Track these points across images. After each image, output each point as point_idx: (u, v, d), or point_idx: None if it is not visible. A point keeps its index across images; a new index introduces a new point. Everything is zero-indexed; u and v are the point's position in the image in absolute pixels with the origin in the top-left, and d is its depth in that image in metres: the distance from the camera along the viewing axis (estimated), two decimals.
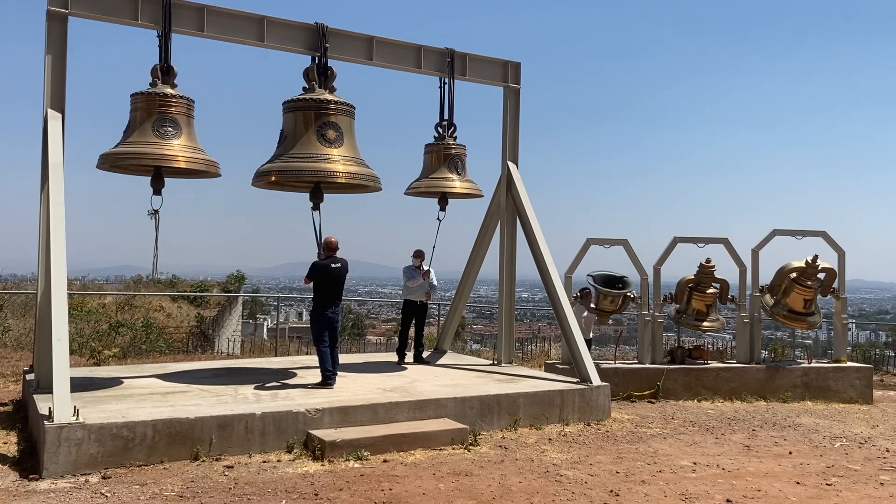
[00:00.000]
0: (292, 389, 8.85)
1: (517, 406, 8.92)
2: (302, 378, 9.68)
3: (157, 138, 8.66)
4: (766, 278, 12.53)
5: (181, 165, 8.77)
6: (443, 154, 11.27)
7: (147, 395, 8.23)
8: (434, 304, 15.36)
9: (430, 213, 11.32)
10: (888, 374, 15.81)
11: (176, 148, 8.72)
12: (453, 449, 7.64)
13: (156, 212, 8.95)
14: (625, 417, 9.74)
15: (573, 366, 10.34)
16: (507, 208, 11.53)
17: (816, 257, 12.03)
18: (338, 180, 9.39)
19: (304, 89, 9.76)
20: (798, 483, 6.83)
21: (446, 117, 11.22)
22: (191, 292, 23.42)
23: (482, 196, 11.64)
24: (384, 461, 7.10)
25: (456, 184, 11.21)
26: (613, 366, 11.59)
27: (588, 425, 9.16)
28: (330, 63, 9.78)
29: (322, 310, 9.25)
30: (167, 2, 8.81)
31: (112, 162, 8.72)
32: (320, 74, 9.71)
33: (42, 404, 7.15)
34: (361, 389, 8.92)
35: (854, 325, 20.29)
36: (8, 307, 16.78)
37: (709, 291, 12.28)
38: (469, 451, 7.58)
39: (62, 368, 7.03)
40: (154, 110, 8.74)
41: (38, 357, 8.41)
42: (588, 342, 11.67)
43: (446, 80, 10.98)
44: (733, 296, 12.37)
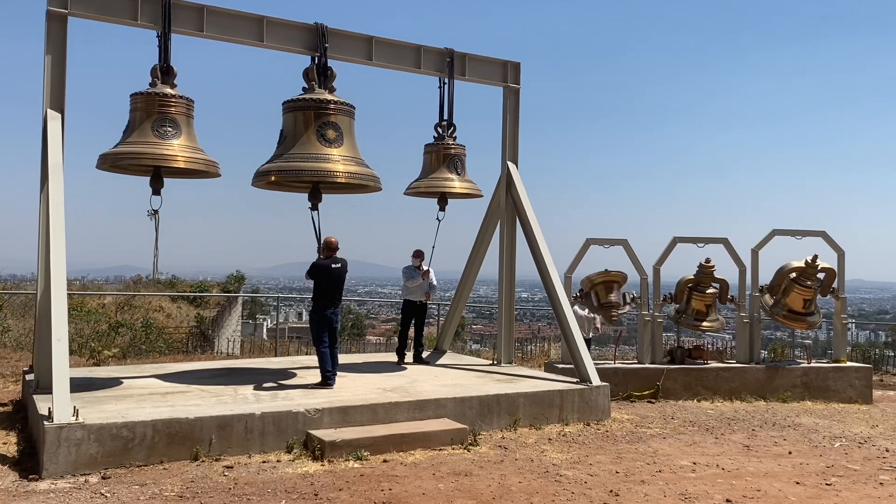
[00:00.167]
0: (292, 389, 8.85)
1: (517, 406, 8.92)
2: (301, 378, 9.68)
3: (157, 138, 8.66)
4: (766, 278, 12.55)
5: (181, 165, 8.77)
6: (442, 154, 11.27)
7: (147, 396, 8.22)
8: (434, 304, 15.37)
9: (430, 213, 11.32)
10: (888, 374, 15.81)
11: (175, 148, 8.72)
12: (453, 449, 7.64)
13: (155, 212, 8.94)
14: (624, 417, 9.74)
15: (573, 366, 10.34)
16: (507, 208, 11.53)
17: (816, 257, 12.04)
18: (338, 180, 9.40)
19: (304, 89, 9.76)
20: (798, 483, 6.83)
21: (446, 117, 11.22)
22: (190, 292, 23.41)
23: (482, 196, 11.65)
24: (384, 461, 7.10)
25: (455, 184, 11.21)
26: (613, 366, 11.60)
27: (588, 425, 9.16)
28: (329, 63, 9.78)
29: (322, 310, 9.25)
30: (167, 2, 8.81)
31: (111, 162, 8.72)
32: (320, 74, 9.71)
33: (42, 404, 7.14)
34: (361, 389, 8.92)
35: (854, 325, 20.29)
36: (7, 307, 16.77)
37: (708, 291, 12.28)
38: (469, 451, 7.58)
39: (62, 369, 7.03)
40: (154, 110, 8.73)
41: (38, 357, 8.41)
42: (587, 342, 11.67)
43: (446, 80, 10.98)
44: (733, 296, 12.38)
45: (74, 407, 6.76)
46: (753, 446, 8.31)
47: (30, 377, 8.67)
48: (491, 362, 11.90)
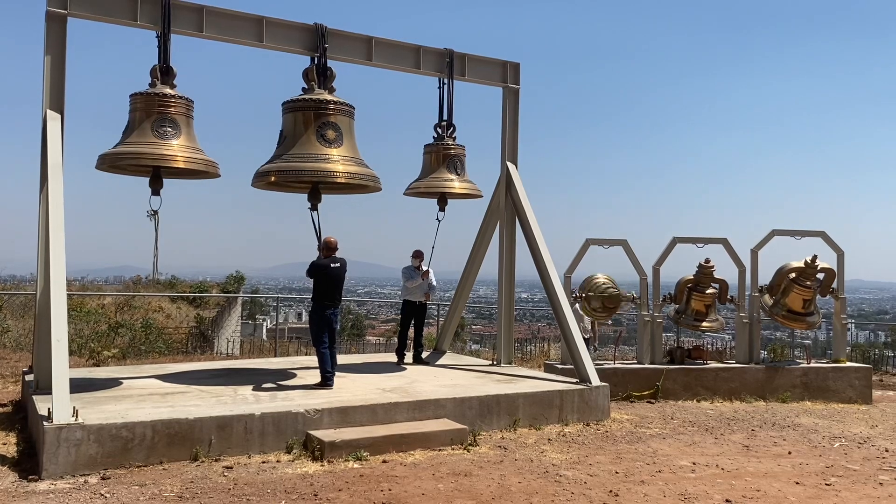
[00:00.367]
0: (291, 390, 8.85)
1: (516, 406, 8.92)
2: (301, 378, 9.68)
3: (157, 138, 8.65)
4: (766, 278, 12.55)
5: (180, 165, 8.76)
6: (442, 154, 11.27)
7: (146, 396, 8.22)
8: (433, 305, 15.37)
9: (430, 214, 11.33)
10: (887, 374, 15.82)
11: (175, 148, 8.71)
12: (452, 449, 7.64)
13: (155, 212, 8.94)
14: (624, 418, 9.74)
15: (573, 366, 10.34)
16: (507, 208, 11.53)
17: (815, 257, 12.04)
18: (337, 180, 9.40)
19: (304, 89, 9.75)
20: (797, 483, 6.84)
21: (445, 118, 11.22)
22: (190, 293, 23.40)
23: (481, 196, 11.65)
24: (383, 461, 7.10)
25: (455, 184, 11.21)
26: (613, 366, 11.60)
27: (587, 425, 9.17)
28: (329, 63, 9.78)
29: (321, 310, 9.25)
30: (166, 2, 8.81)
31: (111, 162, 8.71)
32: (319, 75, 9.71)
33: (41, 405, 7.14)
34: (361, 390, 8.92)
35: (853, 326, 20.31)
36: (7, 308, 16.75)
37: (708, 292, 12.28)
38: (468, 452, 7.58)
39: (61, 369, 7.02)
40: (153, 110, 8.72)
41: (38, 358, 8.41)
42: (587, 342, 11.67)
43: (445, 81, 10.98)
44: (732, 296, 12.38)
45: (74, 407, 6.76)
46: (753, 446, 8.31)
47: (29, 378, 8.67)
48: (490, 362, 11.90)
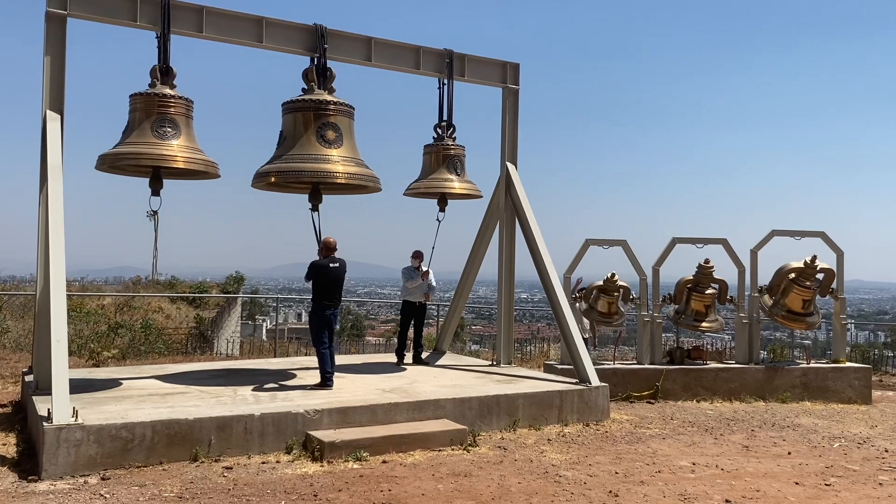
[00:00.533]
0: (291, 390, 8.85)
1: (516, 407, 8.92)
2: (301, 379, 9.68)
3: (156, 139, 8.65)
4: (765, 279, 12.54)
5: (180, 166, 8.76)
6: (442, 155, 11.28)
7: (146, 397, 8.22)
8: (433, 305, 15.37)
9: (430, 214, 11.31)
10: (887, 375, 15.82)
11: (175, 148, 8.71)
12: (452, 450, 7.64)
13: (154, 213, 8.94)
14: (624, 418, 9.74)
15: (572, 366, 10.34)
16: (506, 209, 11.54)
17: (815, 258, 12.03)
18: (337, 181, 9.40)
19: (304, 90, 9.76)
20: (797, 483, 6.84)
21: (445, 118, 11.22)
22: (190, 293, 23.40)
23: (481, 197, 11.65)
24: (383, 462, 7.10)
25: (455, 184, 11.21)
26: (612, 366, 11.60)
27: (587, 426, 9.17)
28: (329, 64, 9.79)
29: (321, 310, 9.25)
30: (166, 3, 8.81)
31: (111, 163, 8.71)
32: (319, 75, 9.71)
33: (41, 405, 7.14)
34: (360, 390, 8.92)
35: (853, 326, 20.31)
36: (7, 308, 16.75)
37: (707, 292, 12.28)
38: (468, 452, 7.58)
39: (61, 370, 7.02)
40: (153, 111, 8.72)
41: (37, 358, 8.41)
42: (586, 342, 11.66)
43: (445, 81, 10.98)
44: (732, 296, 12.38)
45: (74, 408, 6.76)
46: (753, 447, 8.32)
47: (29, 378, 8.67)
48: (490, 363, 11.90)
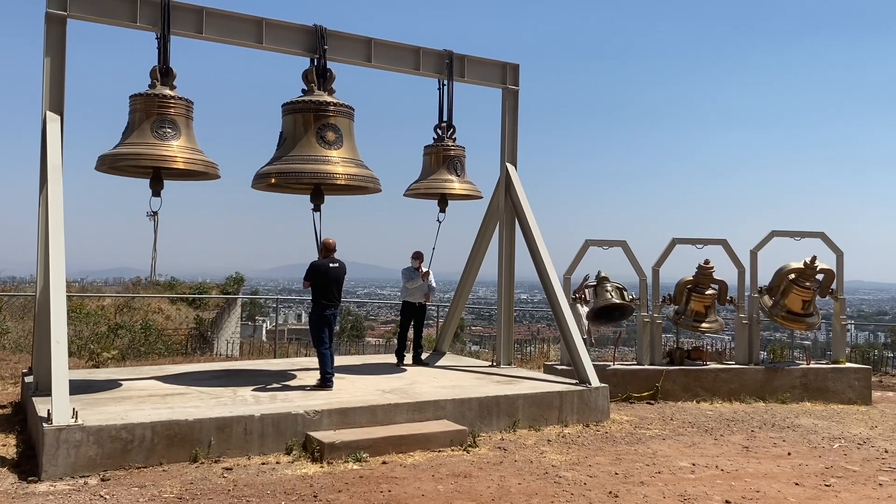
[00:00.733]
0: (291, 391, 8.85)
1: (516, 407, 8.92)
2: (301, 380, 9.68)
3: (156, 139, 8.65)
4: (765, 279, 12.54)
5: (180, 167, 8.76)
6: (442, 155, 11.27)
7: (146, 397, 8.22)
8: (433, 306, 15.37)
9: (430, 215, 11.33)
10: (887, 375, 15.82)
11: (175, 149, 8.71)
12: (452, 450, 7.64)
13: (154, 213, 8.94)
14: (624, 419, 9.74)
15: (572, 367, 10.34)
16: (506, 210, 11.54)
17: (815, 258, 12.03)
18: (337, 182, 9.40)
19: (304, 91, 9.76)
20: (797, 484, 6.84)
21: (445, 119, 11.23)
22: (190, 294, 23.40)
23: (481, 197, 11.65)
24: (383, 463, 7.10)
25: (455, 185, 11.21)
26: (612, 367, 11.60)
27: (587, 426, 9.17)
28: (329, 65, 9.79)
29: (322, 310, 9.26)
30: (166, 4, 8.81)
31: (111, 163, 8.71)
32: (319, 76, 9.71)
33: (41, 406, 7.14)
34: (360, 391, 8.92)
35: (853, 326, 20.31)
36: (7, 309, 16.76)
37: (707, 292, 12.28)
38: (468, 453, 7.58)
39: (61, 371, 7.02)
40: (153, 111, 8.72)
41: (37, 359, 8.41)
42: (586, 342, 11.66)
43: (445, 82, 10.98)
44: (732, 297, 12.38)
45: (73, 409, 6.76)
46: (752, 447, 8.32)
47: (29, 379, 8.67)
48: (490, 364, 11.90)
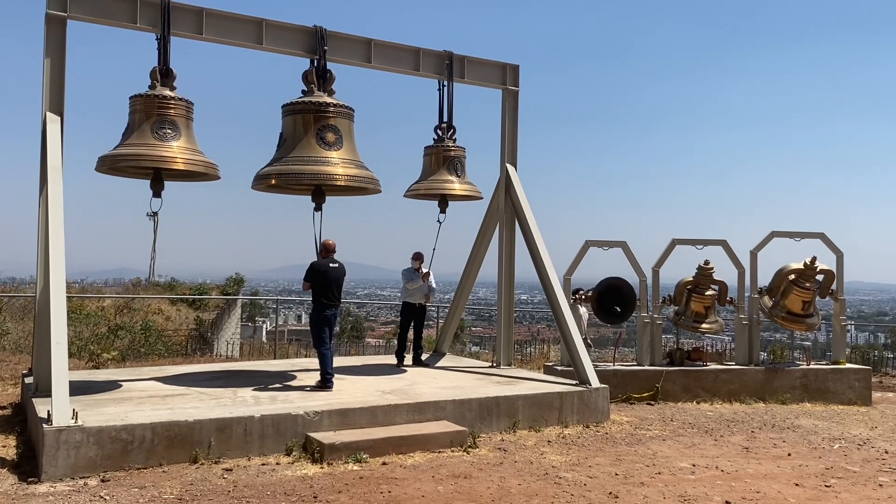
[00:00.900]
0: (291, 392, 8.85)
1: (516, 408, 8.92)
2: (301, 380, 9.68)
3: (156, 140, 8.65)
4: (765, 280, 12.55)
5: (180, 167, 8.75)
6: (442, 156, 11.28)
7: (146, 398, 8.22)
8: (433, 307, 15.37)
9: (430, 216, 11.31)
10: (887, 376, 15.82)
11: (175, 150, 8.70)
12: (452, 451, 7.64)
13: (155, 214, 8.94)
14: (624, 419, 9.74)
15: (572, 368, 10.34)
16: (506, 210, 11.54)
17: (815, 259, 12.04)
18: (337, 183, 9.40)
19: (303, 92, 9.76)
20: (797, 484, 6.84)
21: (445, 119, 11.23)
22: (190, 295, 23.38)
23: (482, 198, 11.65)
24: (383, 463, 7.10)
25: (455, 186, 11.22)
26: (612, 368, 11.60)
27: (587, 427, 9.17)
28: (329, 66, 9.79)
29: (322, 311, 9.26)
30: (166, 4, 8.81)
31: (111, 164, 8.71)
32: (319, 77, 9.72)
33: (41, 407, 7.14)
34: (360, 392, 8.92)
35: (853, 327, 20.31)
36: (7, 310, 16.75)
37: (707, 293, 12.29)
38: (468, 454, 7.58)
39: (61, 372, 7.02)
40: (153, 112, 8.72)
41: (37, 360, 8.40)
42: (586, 343, 11.66)
43: (445, 83, 10.99)
44: (732, 297, 12.38)
45: (73, 410, 6.75)
46: (753, 448, 8.31)
47: (29, 380, 8.67)
48: (490, 364, 11.90)
